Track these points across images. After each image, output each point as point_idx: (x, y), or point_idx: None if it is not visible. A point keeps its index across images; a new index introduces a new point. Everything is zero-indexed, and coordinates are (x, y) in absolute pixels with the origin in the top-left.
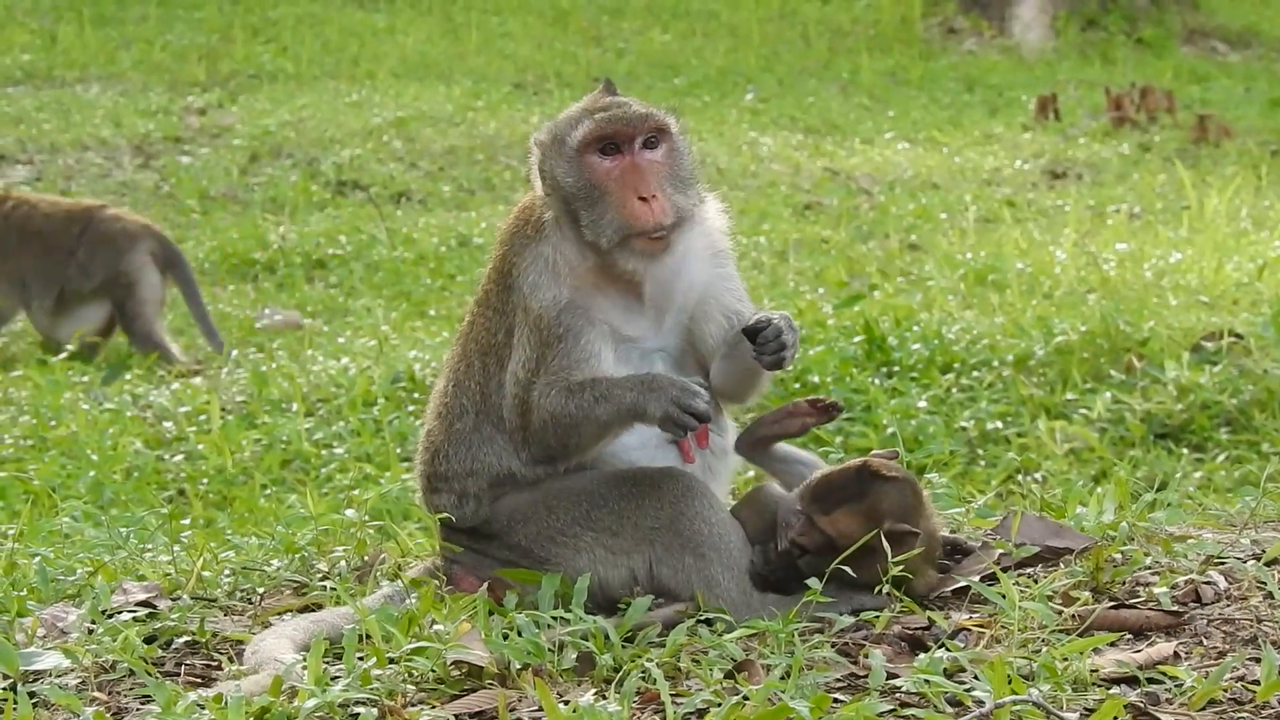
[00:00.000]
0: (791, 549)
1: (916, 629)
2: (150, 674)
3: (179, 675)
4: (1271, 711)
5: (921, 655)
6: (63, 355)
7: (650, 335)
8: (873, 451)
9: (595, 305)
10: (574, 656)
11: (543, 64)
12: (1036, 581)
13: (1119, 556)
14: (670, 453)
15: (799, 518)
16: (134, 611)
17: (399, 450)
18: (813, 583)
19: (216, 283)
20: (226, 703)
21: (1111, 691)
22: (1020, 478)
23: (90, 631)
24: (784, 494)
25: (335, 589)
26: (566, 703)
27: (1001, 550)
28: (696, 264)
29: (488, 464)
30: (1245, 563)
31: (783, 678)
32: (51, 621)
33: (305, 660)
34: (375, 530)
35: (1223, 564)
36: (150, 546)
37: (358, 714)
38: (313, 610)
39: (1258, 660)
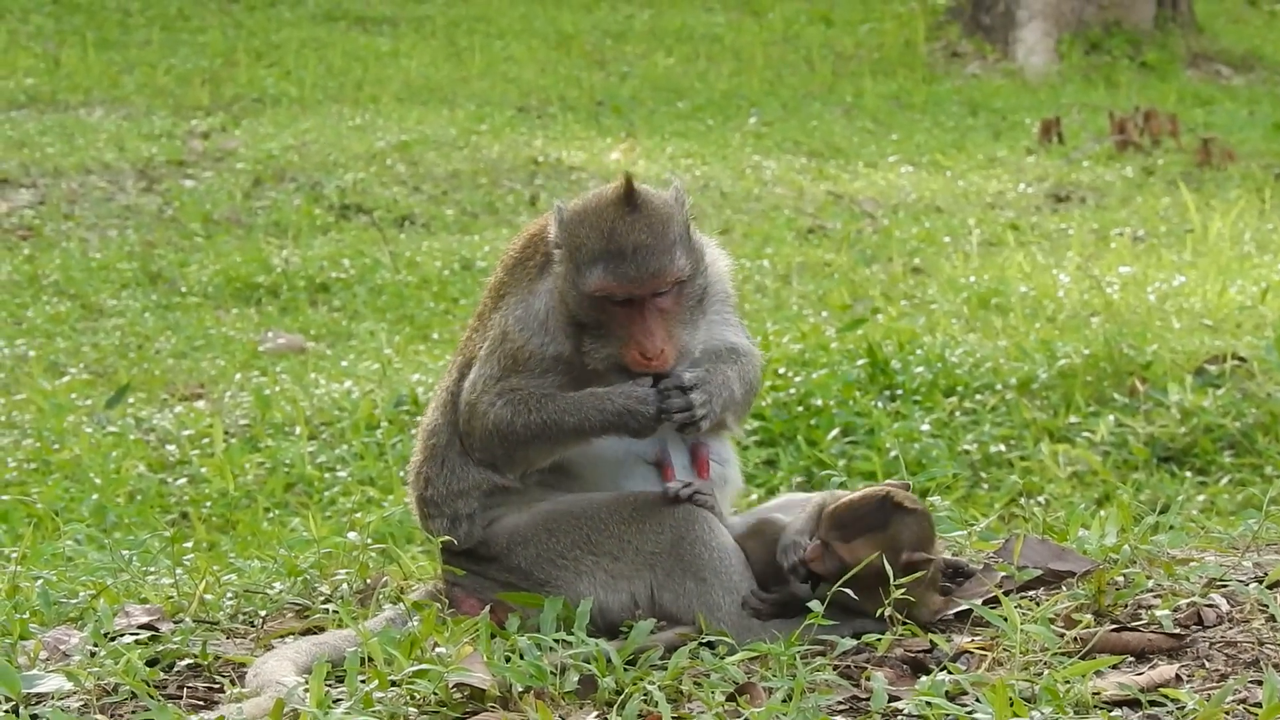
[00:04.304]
0: (798, 570)
1: (918, 651)
2: (152, 697)
3: (181, 698)
4: None
5: (923, 678)
6: (66, 378)
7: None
8: (886, 481)
9: (578, 355)
10: (576, 679)
11: (546, 88)
12: (1038, 604)
13: (1121, 579)
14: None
15: (811, 541)
16: (136, 634)
17: (401, 473)
18: (814, 605)
19: (220, 306)
20: None
21: (1113, 714)
22: (1023, 501)
23: (92, 654)
24: (788, 522)
25: (338, 612)
26: None
27: (1004, 573)
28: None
29: (475, 482)
30: (1247, 585)
31: (784, 700)
32: (54, 644)
33: (307, 683)
34: (378, 553)
35: (1225, 587)
36: (153, 569)
37: None
38: (315, 633)
39: (1259, 683)
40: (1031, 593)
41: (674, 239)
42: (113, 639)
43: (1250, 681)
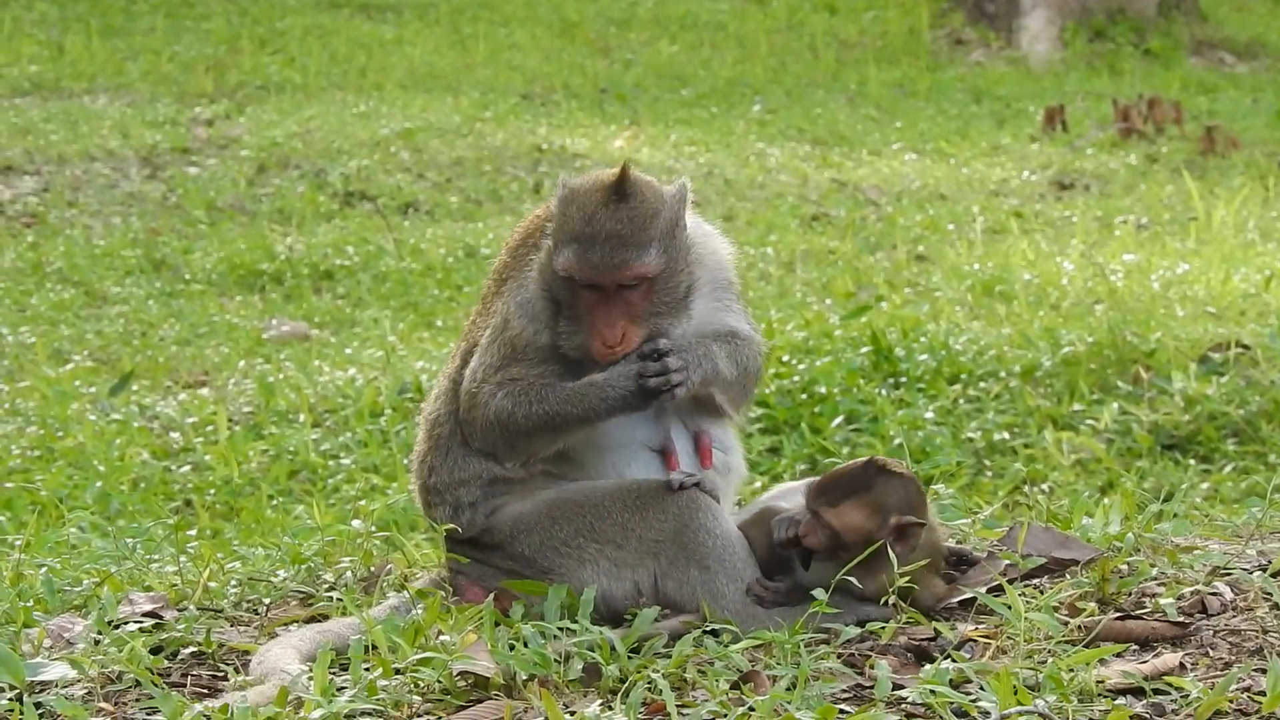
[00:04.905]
0: (790, 545)
1: (922, 640)
2: (156, 685)
3: (185, 686)
4: None
5: (927, 666)
6: (69, 366)
7: None
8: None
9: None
10: (580, 667)
11: (550, 75)
12: (1042, 592)
13: (1125, 567)
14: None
15: (805, 516)
16: (140, 622)
17: (405, 461)
18: (818, 593)
19: (224, 294)
20: (232, 713)
21: (1117, 702)
22: (1027, 488)
23: (96, 642)
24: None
25: (341, 600)
26: (573, 713)
27: (1008, 561)
28: (697, 300)
29: (478, 470)
30: (1251, 574)
31: (789, 688)
32: (58, 632)
33: (311, 671)
34: (382, 541)
35: (1229, 575)
36: (157, 557)
37: None
38: (319, 621)
39: (1263, 671)
40: (1035, 581)
41: (652, 236)
42: (117, 627)
43: (1254, 670)
